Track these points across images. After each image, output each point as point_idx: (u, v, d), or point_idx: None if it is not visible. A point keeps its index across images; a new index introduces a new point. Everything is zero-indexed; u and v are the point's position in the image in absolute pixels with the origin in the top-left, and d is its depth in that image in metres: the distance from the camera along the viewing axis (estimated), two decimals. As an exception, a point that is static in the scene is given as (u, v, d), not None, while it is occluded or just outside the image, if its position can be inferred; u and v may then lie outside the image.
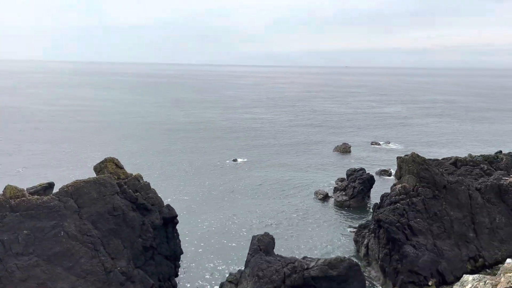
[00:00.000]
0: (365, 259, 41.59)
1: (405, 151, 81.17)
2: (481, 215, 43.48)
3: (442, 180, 43.64)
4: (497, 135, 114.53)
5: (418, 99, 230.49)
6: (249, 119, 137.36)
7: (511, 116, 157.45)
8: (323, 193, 60.22)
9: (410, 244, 38.04)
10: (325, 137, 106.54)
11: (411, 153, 45.28)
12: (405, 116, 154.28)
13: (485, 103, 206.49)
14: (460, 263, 39.17)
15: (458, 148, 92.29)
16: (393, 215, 39.52)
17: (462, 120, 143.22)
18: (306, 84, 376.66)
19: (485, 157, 59.71)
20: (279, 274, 30.50)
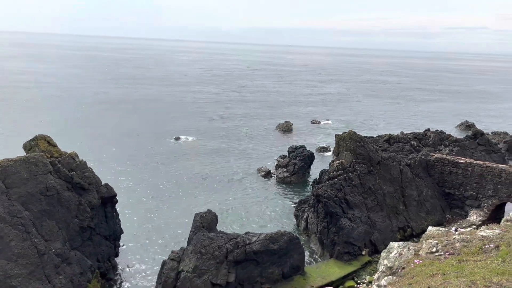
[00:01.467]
0: (305, 233, 43.27)
1: (343, 129, 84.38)
2: (410, 189, 46.74)
3: (377, 156, 46.12)
4: (427, 113, 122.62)
5: (357, 79, 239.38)
6: (193, 96, 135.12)
7: (440, 96, 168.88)
8: (265, 170, 61.32)
9: (346, 217, 40.06)
10: (267, 115, 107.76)
11: (348, 131, 47.17)
12: (344, 95, 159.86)
13: (418, 84, 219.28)
14: (391, 233, 42.04)
15: (391, 126, 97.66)
16: (331, 190, 41.27)
17: (397, 100, 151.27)
18: (251, 61, 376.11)
19: (415, 135, 63.82)
20: (222, 250, 30.89)
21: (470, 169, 47.84)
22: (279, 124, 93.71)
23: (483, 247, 7.21)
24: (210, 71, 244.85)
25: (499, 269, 6.34)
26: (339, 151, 48.87)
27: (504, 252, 6.74)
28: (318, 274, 34.20)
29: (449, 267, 6.73)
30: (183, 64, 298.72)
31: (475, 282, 6.02)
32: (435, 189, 49.49)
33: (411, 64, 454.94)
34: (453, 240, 7.82)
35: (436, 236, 8.31)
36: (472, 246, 7.37)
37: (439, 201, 48.70)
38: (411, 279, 6.73)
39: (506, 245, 6.87)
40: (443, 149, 59.14)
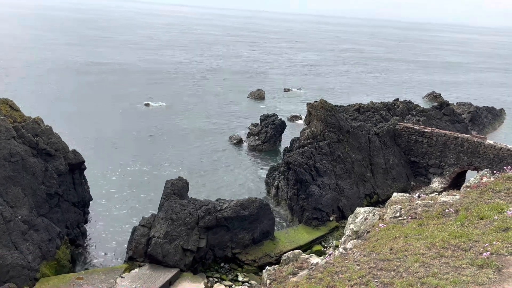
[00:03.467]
0: (275, 199, 44.13)
1: (315, 97, 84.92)
2: (378, 157, 48.11)
3: (346, 125, 46.92)
4: (396, 83, 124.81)
5: (330, 47, 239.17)
6: (164, 61, 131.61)
7: (409, 66, 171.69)
8: (237, 137, 61.38)
9: (316, 184, 41.00)
10: (240, 83, 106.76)
11: (319, 100, 47.53)
12: (317, 63, 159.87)
13: (390, 54, 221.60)
14: (358, 199, 43.47)
15: (362, 95, 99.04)
16: (302, 158, 41.92)
17: (369, 69, 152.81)
18: (224, 27, 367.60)
19: (384, 104, 65.10)
20: (193, 216, 31.16)
21: (435, 138, 49.55)
22: (251, 91, 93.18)
23: (443, 212, 7.59)
24: (182, 35, 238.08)
25: (457, 232, 6.73)
26: (310, 120, 49.35)
27: (463, 216, 7.12)
28: (287, 239, 35.21)
29: (411, 230, 7.08)
30: (154, 27, 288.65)
31: (434, 244, 6.38)
32: (401, 158, 51.15)
33: (385, 34, 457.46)
34: (415, 205, 8.17)
35: (400, 202, 8.66)
36: (433, 210, 7.74)
37: (404, 169, 50.48)
38: (375, 242, 7.05)
39: (464, 210, 7.26)
40: (410, 119, 60.79)
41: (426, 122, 60.98)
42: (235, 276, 30.74)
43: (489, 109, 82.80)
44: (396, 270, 6.16)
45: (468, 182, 8.78)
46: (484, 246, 6.08)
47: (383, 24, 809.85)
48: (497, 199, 7.45)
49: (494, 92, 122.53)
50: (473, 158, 46.43)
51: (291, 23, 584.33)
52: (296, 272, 7.65)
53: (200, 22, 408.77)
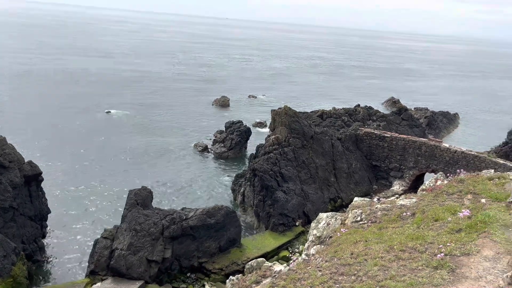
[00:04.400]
0: (241, 206, 44.04)
1: (279, 104, 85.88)
2: (341, 162, 49.12)
3: (310, 131, 47.67)
4: (357, 89, 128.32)
5: (293, 54, 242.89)
6: (127, 69, 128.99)
7: (369, 73, 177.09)
8: (202, 145, 60.91)
9: (281, 190, 41.30)
10: (205, 90, 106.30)
11: (283, 107, 48.07)
12: (281, 70, 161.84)
13: (350, 61, 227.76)
14: (323, 204, 44.14)
15: (325, 102, 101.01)
16: (267, 164, 42.14)
17: (331, 76, 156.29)
18: (189, 34, 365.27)
19: (346, 110, 66.69)
20: (158, 226, 30.53)
21: (395, 142, 51.20)
22: (216, 99, 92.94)
23: (401, 215, 7.83)
24: (145, 43, 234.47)
25: (414, 234, 6.96)
26: (274, 126, 49.76)
27: (419, 218, 7.38)
28: (254, 246, 35.17)
29: (371, 234, 7.25)
30: (115, 34, 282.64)
31: (392, 247, 6.56)
32: (363, 162, 52.47)
33: (345, 42, 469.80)
34: (375, 209, 8.39)
35: (361, 206, 8.86)
36: (391, 214, 7.97)
37: (366, 173, 51.78)
38: (337, 247, 7.16)
39: (420, 212, 7.52)
40: (371, 124, 62.55)
41: (386, 127, 62.95)
42: (202, 286, 30.34)
43: (444, 114, 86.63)
44: (356, 274, 6.29)
45: (424, 185, 9.13)
46: (438, 248, 6.33)
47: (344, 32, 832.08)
48: (451, 201, 7.78)
49: (448, 97, 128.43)
50: (431, 161, 48.31)
51: (255, 31, 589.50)
52: (260, 280, 7.64)
53: (164, 30, 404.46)
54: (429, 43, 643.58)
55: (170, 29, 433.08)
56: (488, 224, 6.60)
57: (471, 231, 6.58)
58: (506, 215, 6.85)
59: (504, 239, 6.26)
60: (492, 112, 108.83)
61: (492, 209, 7.10)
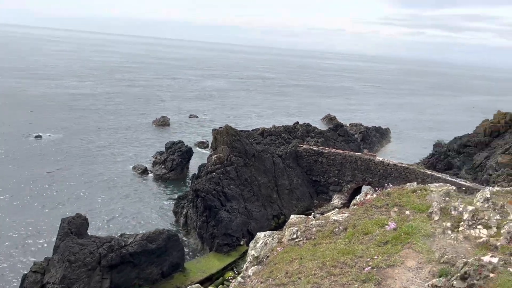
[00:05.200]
0: (184, 229, 43.03)
1: (221, 123, 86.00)
2: (282, 178, 49.95)
3: (252, 149, 48.12)
4: (296, 107, 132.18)
5: (233, 74, 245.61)
6: (62, 91, 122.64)
7: (307, 91, 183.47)
8: (141, 167, 59.07)
9: (225, 209, 41.00)
10: (143, 111, 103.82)
11: (225, 126, 48.23)
12: (222, 90, 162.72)
13: (289, 80, 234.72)
14: (266, 221, 44.42)
15: (265, 120, 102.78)
16: (209, 184, 41.74)
17: (271, 94, 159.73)
18: (127, 54, 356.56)
19: (286, 128, 68.32)
20: (94, 255, 28.88)
21: (333, 157, 53.12)
22: (155, 119, 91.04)
23: (334, 230, 8.08)
24: (81, 62, 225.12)
25: (345, 249, 7.19)
26: (216, 146, 49.67)
27: (350, 233, 7.66)
28: (198, 269, 34.39)
29: (306, 251, 7.38)
30: (46, 54, 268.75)
31: (325, 263, 6.72)
32: (304, 177, 53.76)
33: (283, 61, 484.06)
34: (310, 225, 8.58)
35: (297, 223, 9.02)
36: (325, 230, 8.20)
37: (307, 188, 53.04)
38: (273, 267, 7.20)
39: (352, 227, 7.82)
40: (310, 140, 64.50)
41: (324, 143, 65.20)
42: (144, 315, 28.97)
43: (377, 129, 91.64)
44: (290, 294, 6.35)
45: (355, 200, 9.53)
46: (366, 261, 6.60)
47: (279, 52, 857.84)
48: (379, 215, 8.18)
49: (380, 113, 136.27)
50: (366, 174, 50.62)
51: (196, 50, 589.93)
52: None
53: (98, 49, 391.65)
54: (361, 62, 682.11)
55: (107, 48, 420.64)
56: (412, 235, 7.02)
57: (397, 242, 6.95)
58: (427, 225, 7.33)
59: (425, 249, 6.68)
60: (419, 126, 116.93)
61: (415, 220, 7.56)
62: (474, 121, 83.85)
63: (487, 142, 63.67)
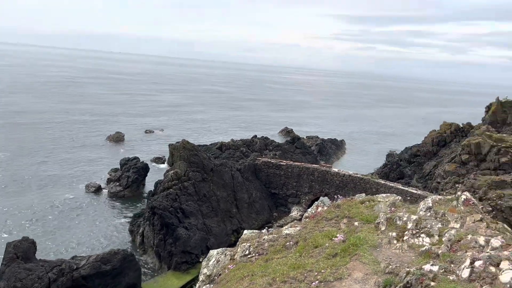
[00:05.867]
0: (141, 248, 41.71)
1: (177, 138, 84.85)
2: (241, 192, 49.83)
3: (210, 164, 47.74)
4: (254, 121, 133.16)
5: (191, 88, 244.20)
6: (6, 107, 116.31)
7: (265, 105, 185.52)
8: (95, 185, 56.89)
9: (183, 226, 40.21)
10: (96, 126, 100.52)
11: (181, 140, 47.64)
12: (179, 104, 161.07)
13: (247, 94, 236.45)
14: (226, 236, 43.96)
15: (223, 134, 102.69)
16: (167, 201, 40.87)
17: (228, 108, 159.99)
18: (77, 68, 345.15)
19: (244, 141, 68.51)
20: (43, 280, 27.26)
21: (290, 170, 53.75)
22: (109, 135, 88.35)
23: (286, 244, 8.09)
24: (29, 77, 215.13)
25: (296, 264, 7.21)
26: (173, 161, 48.87)
27: (301, 247, 7.69)
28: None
29: (258, 267, 7.32)
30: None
31: (275, 279, 6.70)
32: (263, 190, 53.93)
33: (240, 76, 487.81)
34: (263, 241, 8.54)
35: (250, 239, 8.96)
36: (277, 244, 8.19)
37: (266, 201, 53.20)
38: (224, 285, 7.08)
39: (303, 240, 7.86)
40: (268, 154, 64.99)
41: (282, 155, 65.92)
42: None
43: (333, 141, 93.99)
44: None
45: (307, 213, 9.64)
46: (315, 275, 6.64)
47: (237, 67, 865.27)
48: (329, 227, 8.29)
49: (336, 125, 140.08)
50: (323, 185, 51.58)
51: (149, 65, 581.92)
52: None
53: (50, 64, 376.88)
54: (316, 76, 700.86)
55: (57, 63, 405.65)
56: (359, 246, 7.15)
57: (345, 254, 7.06)
58: (374, 236, 7.52)
59: (371, 260, 6.83)
60: (373, 138, 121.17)
61: (363, 231, 7.73)
62: (423, 132, 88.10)
63: (435, 151, 66.94)
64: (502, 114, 66.54)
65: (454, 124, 69.05)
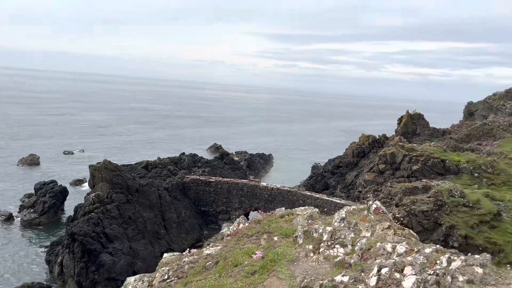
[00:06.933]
0: (60, 279, 38.58)
1: (99, 158, 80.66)
2: (170, 212, 48.43)
3: (135, 184, 45.86)
4: (181, 138, 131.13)
5: (114, 106, 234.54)
6: None
7: (192, 121, 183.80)
8: (5, 214, 51.73)
9: (107, 251, 38.01)
10: (7, 148, 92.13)
11: (103, 161, 45.33)
12: (101, 122, 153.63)
13: (175, 111, 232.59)
14: (154, 259, 42.21)
15: (149, 152, 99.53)
16: (88, 226, 38.42)
17: (155, 126, 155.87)
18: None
19: (171, 159, 66.99)
20: None
21: (220, 186, 53.51)
22: (22, 158, 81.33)
23: (206, 265, 7.90)
24: None
25: (214, 285, 7.05)
26: (94, 183, 46.22)
27: (221, 266, 7.55)
28: (77, 322, 30.89)
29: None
30: None
31: (192, 304, 6.48)
32: (192, 209, 52.95)
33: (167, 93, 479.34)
34: (183, 263, 8.25)
35: (170, 262, 8.62)
36: (197, 266, 7.96)
37: (196, 220, 52.26)
38: (140, 314, 6.70)
39: (223, 260, 7.73)
40: (196, 171, 64.14)
41: (211, 172, 65.46)
42: None
43: (261, 155, 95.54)
44: None
45: (229, 230, 9.55)
46: (234, 296, 6.55)
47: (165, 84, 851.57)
48: (250, 244, 8.25)
49: (263, 140, 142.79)
50: (253, 200, 52.00)
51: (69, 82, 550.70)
52: None
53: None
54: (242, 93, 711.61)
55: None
56: (277, 262, 7.19)
57: (263, 271, 7.05)
58: (292, 250, 7.62)
59: (288, 275, 6.90)
60: (298, 151, 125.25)
61: (281, 246, 7.80)
62: (344, 144, 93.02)
63: (356, 162, 70.90)
64: (412, 126, 72.63)
65: (371, 136, 73.84)
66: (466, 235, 35.86)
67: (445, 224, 37.04)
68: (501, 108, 76.96)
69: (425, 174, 51.08)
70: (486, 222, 37.41)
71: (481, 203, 39.43)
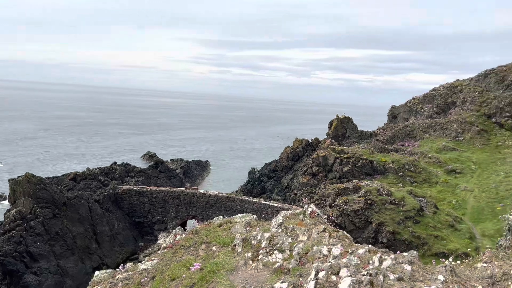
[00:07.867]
0: (-24, 306, 34.92)
1: (20, 171, 74.67)
2: (102, 225, 46.03)
3: (62, 197, 43.04)
4: (113, 147, 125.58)
5: (39, 114, 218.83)
6: None
7: (124, 129, 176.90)
8: None
9: (31, 271, 35.21)
10: None
11: (25, 174, 42.02)
12: (23, 133, 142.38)
13: (105, 119, 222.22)
14: (86, 276, 39.83)
15: (77, 163, 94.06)
16: (9, 245, 35.35)
17: (84, 134, 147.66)
18: None
19: (102, 169, 63.86)
20: None
21: (155, 195, 51.93)
22: None
23: (141, 281, 7.55)
24: None
25: (150, 302, 6.76)
26: (15, 198, 42.63)
27: (157, 282, 7.26)
28: None
29: (108, 313, 6.62)
30: None
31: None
32: (126, 221, 50.80)
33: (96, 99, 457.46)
34: (116, 280, 7.82)
35: (102, 281, 8.13)
36: (132, 282, 7.58)
37: (131, 232, 50.21)
38: None
39: (159, 274, 7.44)
40: (130, 181, 61.76)
41: (145, 181, 63.36)
42: None
43: (198, 162, 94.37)
44: None
45: (165, 243, 9.22)
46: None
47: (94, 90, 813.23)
48: (187, 255, 8.02)
49: (199, 146, 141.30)
50: (190, 208, 51.11)
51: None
52: None
53: None
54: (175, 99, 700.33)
55: None
56: (216, 273, 7.06)
57: (202, 283, 6.89)
58: (231, 259, 7.53)
59: (227, 285, 6.80)
60: (235, 156, 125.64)
61: (220, 255, 7.68)
62: (279, 148, 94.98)
63: (291, 165, 72.68)
64: (342, 129, 76.11)
65: (304, 140, 76.19)
66: (394, 230, 38.28)
67: (375, 221, 39.23)
68: (420, 111, 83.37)
69: (355, 174, 53.76)
70: (410, 218, 40.24)
71: (405, 200, 42.35)
